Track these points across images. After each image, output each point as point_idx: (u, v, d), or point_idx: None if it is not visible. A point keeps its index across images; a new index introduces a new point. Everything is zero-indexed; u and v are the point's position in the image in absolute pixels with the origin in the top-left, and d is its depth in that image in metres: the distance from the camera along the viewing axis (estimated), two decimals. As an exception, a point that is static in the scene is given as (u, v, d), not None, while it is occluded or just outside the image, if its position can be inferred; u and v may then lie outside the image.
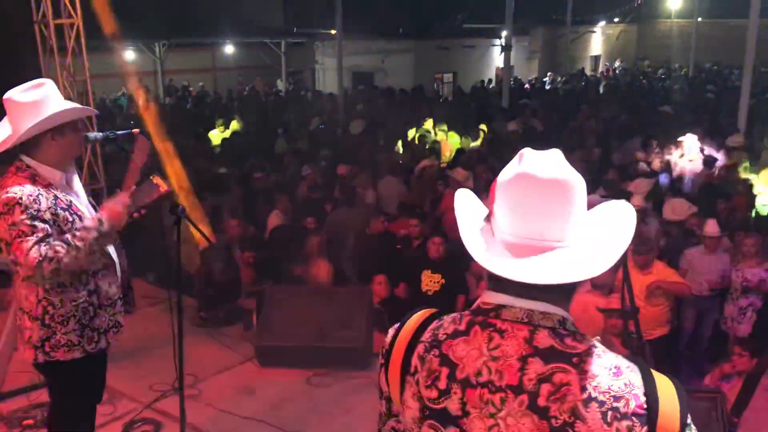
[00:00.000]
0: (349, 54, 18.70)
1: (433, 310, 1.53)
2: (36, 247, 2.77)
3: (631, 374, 1.29)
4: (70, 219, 2.96)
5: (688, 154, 10.16)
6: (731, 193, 8.08)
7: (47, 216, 2.86)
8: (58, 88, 3.19)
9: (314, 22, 21.73)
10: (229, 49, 23.78)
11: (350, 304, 5.53)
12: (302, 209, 8.01)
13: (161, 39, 19.22)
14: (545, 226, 1.34)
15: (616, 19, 33.26)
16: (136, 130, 3.58)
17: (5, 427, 4.50)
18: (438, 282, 6.03)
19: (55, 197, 2.94)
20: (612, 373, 1.28)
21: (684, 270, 6.42)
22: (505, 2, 15.03)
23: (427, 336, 1.46)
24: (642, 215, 7.64)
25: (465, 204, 1.50)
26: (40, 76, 6.83)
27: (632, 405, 1.25)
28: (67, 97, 6.98)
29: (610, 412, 1.25)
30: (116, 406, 4.75)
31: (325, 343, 5.36)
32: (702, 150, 10.23)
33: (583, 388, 1.26)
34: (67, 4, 7.25)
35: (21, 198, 2.81)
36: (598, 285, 5.42)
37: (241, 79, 23.63)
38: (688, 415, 1.27)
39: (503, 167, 1.42)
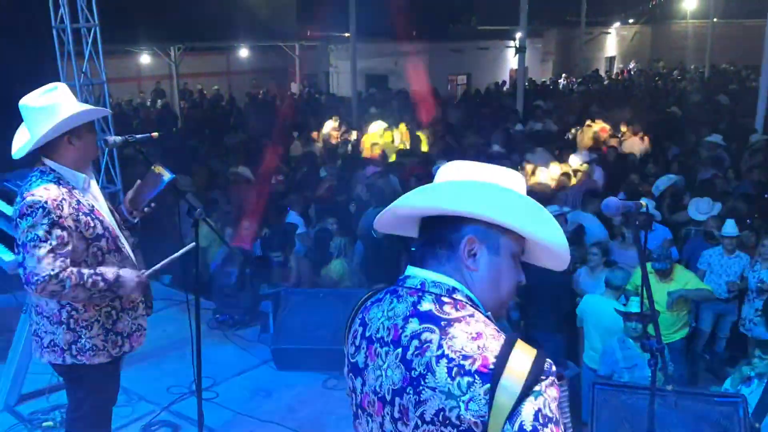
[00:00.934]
0: (363, 57, 18.70)
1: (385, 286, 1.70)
2: (50, 257, 2.79)
3: (491, 341, 1.39)
4: (92, 224, 2.98)
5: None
6: (752, 194, 8.02)
7: (68, 222, 2.88)
8: (76, 91, 3.22)
9: (328, 25, 21.74)
10: (243, 52, 23.87)
11: (366, 306, 5.53)
12: (323, 211, 8.03)
13: (176, 43, 19.32)
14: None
15: (630, 20, 33.08)
16: (154, 134, 3.61)
17: (25, 428, 4.54)
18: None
19: (78, 202, 2.97)
20: (471, 337, 1.40)
21: (702, 271, 6.39)
22: (519, 4, 14.99)
23: (359, 305, 1.69)
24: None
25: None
26: (59, 81, 6.92)
27: (477, 364, 1.36)
28: (84, 101, 7.08)
29: (455, 368, 1.37)
30: (134, 408, 4.78)
31: (341, 345, 5.34)
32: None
33: (439, 346, 1.40)
34: (85, 8, 7.32)
35: (46, 202, 2.84)
36: (611, 286, 5.40)
37: (255, 82, 23.71)
38: (540, 384, 1.34)
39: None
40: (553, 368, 1.39)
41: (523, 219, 1.50)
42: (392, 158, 10.67)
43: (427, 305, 1.48)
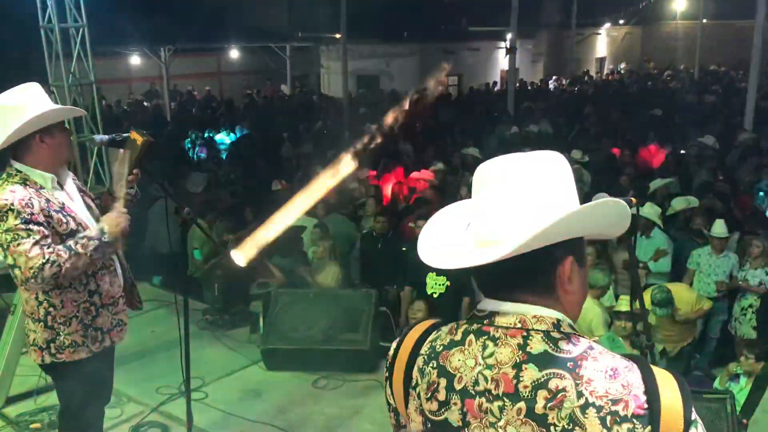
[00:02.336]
0: (354, 58, 18.71)
1: (433, 321, 1.52)
2: (37, 248, 2.77)
3: (629, 374, 1.25)
4: (65, 220, 2.96)
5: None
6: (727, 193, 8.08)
7: (41, 218, 2.85)
8: (65, 92, 3.19)
9: (319, 26, 21.74)
10: (234, 53, 23.83)
11: (356, 306, 5.53)
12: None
13: (167, 44, 19.28)
14: (490, 223, 1.35)
15: (621, 21, 33.20)
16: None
17: (13, 430, 4.51)
18: (443, 284, 6.02)
19: (47, 200, 2.93)
20: (608, 376, 1.25)
21: (692, 270, 6.41)
22: (510, 5, 15.03)
23: (425, 348, 1.45)
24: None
25: (446, 215, 1.53)
26: (46, 81, 6.89)
27: (632, 406, 1.22)
28: (72, 102, 7.04)
29: (609, 417, 1.21)
30: (123, 410, 4.76)
31: (331, 345, 5.35)
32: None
33: (579, 394, 1.23)
34: (73, 8, 7.28)
35: (13, 203, 2.81)
36: (590, 284, 5.41)
37: (246, 83, 23.68)
38: (693, 410, 1.24)
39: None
40: (688, 387, 1.29)
41: (617, 223, 1.40)
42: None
43: (538, 345, 1.29)
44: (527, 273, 1.33)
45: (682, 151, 10.86)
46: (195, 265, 7.28)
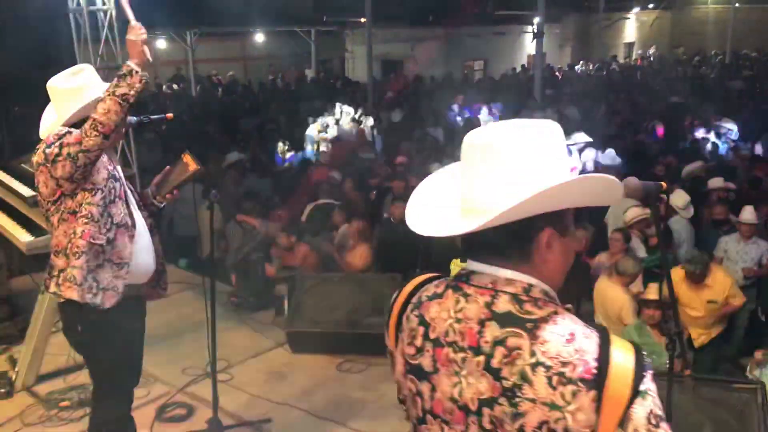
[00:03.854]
0: (379, 42, 18.62)
1: (431, 275, 1.60)
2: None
3: (585, 341, 1.29)
4: (109, 167, 3.07)
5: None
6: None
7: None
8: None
9: (344, 11, 21.65)
10: (259, 37, 23.83)
11: (381, 290, 5.53)
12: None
13: (192, 28, 19.33)
14: (472, 189, 1.40)
15: (650, 6, 32.63)
16: (169, 115, 3.61)
17: (42, 408, 4.59)
18: (467, 270, 6.01)
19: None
20: (564, 340, 1.29)
21: (719, 258, 6.32)
22: (537, -12, 14.83)
23: (415, 298, 1.54)
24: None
25: (438, 177, 1.58)
26: (75, 64, 6.94)
27: (579, 370, 1.25)
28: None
29: (555, 377, 1.26)
30: (150, 390, 4.82)
31: (355, 329, 5.37)
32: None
33: (533, 353, 1.29)
34: (101, -8, 7.32)
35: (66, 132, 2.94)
36: (620, 271, 5.36)
37: (271, 68, 23.69)
38: (644, 382, 1.26)
39: None
40: (648, 360, 1.31)
41: (602, 195, 1.44)
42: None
43: (504, 306, 1.36)
44: (506, 241, 1.38)
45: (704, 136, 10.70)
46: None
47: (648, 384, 1.26)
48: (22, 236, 4.27)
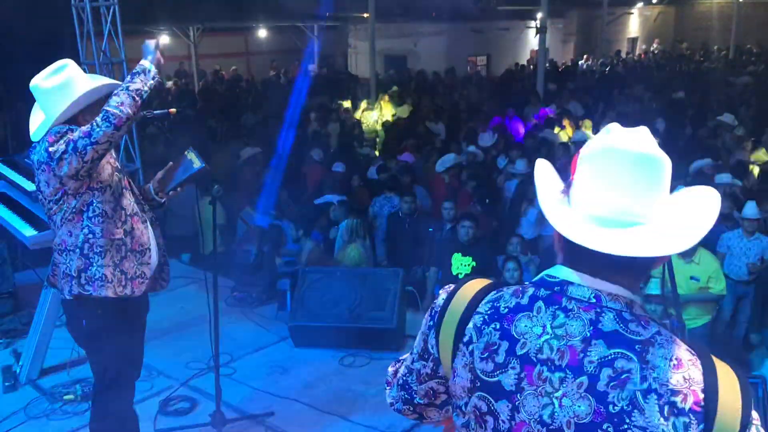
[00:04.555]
0: (382, 37, 18.57)
1: (489, 281, 1.52)
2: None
3: (692, 368, 1.25)
4: (113, 162, 3.13)
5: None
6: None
7: None
8: (96, 71, 3.23)
9: (347, 6, 21.61)
10: (261, 33, 23.80)
11: (383, 285, 5.54)
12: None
13: (195, 23, 19.33)
14: (632, 201, 1.32)
15: (654, 0, 32.50)
16: (172, 110, 3.63)
17: (47, 401, 4.61)
18: (468, 265, 6.02)
19: None
20: (672, 366, 1.25)
21: (722, 254, 6.32)
22: (540, -17, 14.79)
23: (485, 307, 1.44)
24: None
25: (544, 175, 1.48)
26: (78, 60, 6.96)
27: (690, 401, 1.22)
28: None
29: (667, 407, 1.22)
30: (153, 383, 4.84)
31: (358, 323, 5.38)
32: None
33: (644, 378, 1.24)
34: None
35: (73, 126, 2.99)
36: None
37: (274, 63, 23.66)
38: (752, 414, 1.23)
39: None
40: (751, 384, 1.30)
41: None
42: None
43: (609, 323, 1.29)
44: (636, 262, 1.30)
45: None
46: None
47: (753, 415, 1.24)
48: (25, 231, 4.29)
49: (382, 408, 4.61)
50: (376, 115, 13.66)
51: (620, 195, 1.32)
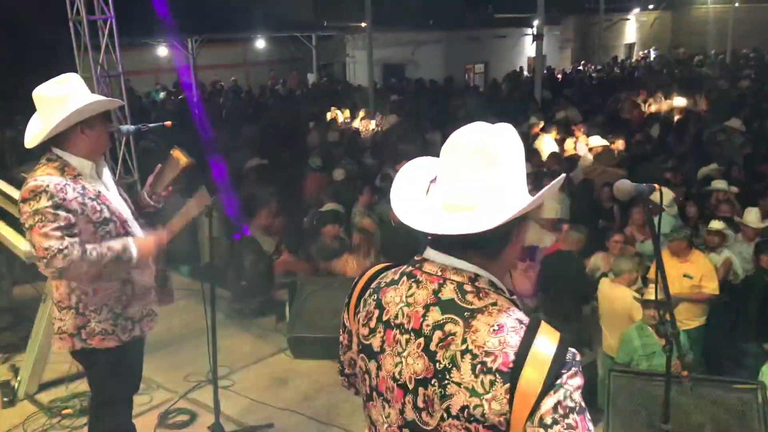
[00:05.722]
0: (380, 46, 18.64)
1: (389, 264, 1.71)
2: (59, 233, 2.81)
3: (511, 333, 1.37)
4: (99, 208, 3.00)
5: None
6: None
7: (73, 205, 2.90)
8: (93, 84, 3.23)
9: (344, 15, 21.70)
10: (260, 43, 23.89)
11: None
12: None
13: (194, 34, 19.38)
14: (470, 186, 1.45)
15: (650, 6, 32.64)
16: (168, 123, 3.63)
17: (45, 416, 4.60)
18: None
19: (83, 187, 2.98)
20: (492, 330, 1.38)
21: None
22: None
23: (374, 283, 1.65)
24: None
25: (410, 170, 1.63)
26: (75, 73, 6.98)
27: (498, 362, 1.35)
28: (102, 93, 7.13)
29: (479, 365, 1.36)
30: (152, 396, 4.83)
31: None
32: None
33: (464, 340, 1.39)
34: (101, 0, 7.36)
35: (48, 186, 2.86)
36: (616, 272, 5.37)
37: (272, 73, 23.73)
38: (561, 377, 1.32)
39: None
40: (578, 357, 1.37)
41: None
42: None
43: (448, 293, 1.45)
44: (490, 239, 1.44)
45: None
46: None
47: (565, 379, 1.33)
48: (22, 245, 4.29)
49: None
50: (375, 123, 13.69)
51: (454, 185, 1.47)
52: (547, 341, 1.36)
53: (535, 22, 16.08)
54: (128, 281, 3.14)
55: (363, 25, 17.95)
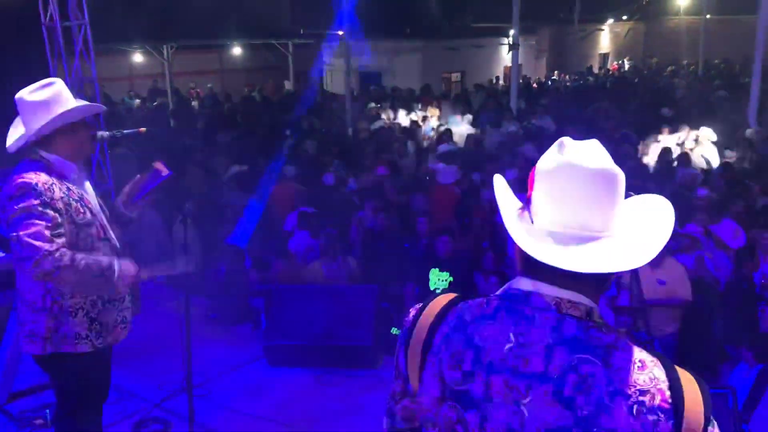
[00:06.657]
0: (357, 55, 18.65)
1: (456, 294, 1.53)
2: (48, 234, 2.77)
3: (655, 369, 1.30)
4: (82, 210, 3.00)
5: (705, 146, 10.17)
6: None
7: (59, 205, 2.88)
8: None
9: (321, 23, 21.69)
10: (236, 50, 23.81)
11: (358, 302, 5.53)
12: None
13: (169, 41, 19.26)
14: (589, 215, 1.35)
15: (624, 17, 33.08)
16: (142, 129, 3.60)
17: (15, 426, 4.52)
18: (446, 280, 6.03)
19: (68, 188, 2.98)
20: (637, 367, 1.29)
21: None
22: (511, 1, 14.96)
23: (452, 317, 1.45)
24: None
25: (503, 191, 1.49)
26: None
27: (657, 399, 1.26)
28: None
29: (636, 406, 1.26)
30: (125, 406, 4.77)
31: (333, 342, 5.36)
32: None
33: (609, 381, 1.27)
34: (75, 6, 7.29)
35: (36, 184, 2.84)
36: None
37: (248, 80, 23.63)
38: (710, 412, 1.29)
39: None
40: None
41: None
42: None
43: (570, 330, 1.32)
44: (593, 273, 1.31)
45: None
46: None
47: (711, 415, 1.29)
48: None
49: (359, 426, 4.59)
50: None
51: (578, 210, 1.35)
52: (683, 371, 1.32)
53: (511, 32, 16.21)
54: (108, 285, 3.09)
55: (340, 33, 17.97)
